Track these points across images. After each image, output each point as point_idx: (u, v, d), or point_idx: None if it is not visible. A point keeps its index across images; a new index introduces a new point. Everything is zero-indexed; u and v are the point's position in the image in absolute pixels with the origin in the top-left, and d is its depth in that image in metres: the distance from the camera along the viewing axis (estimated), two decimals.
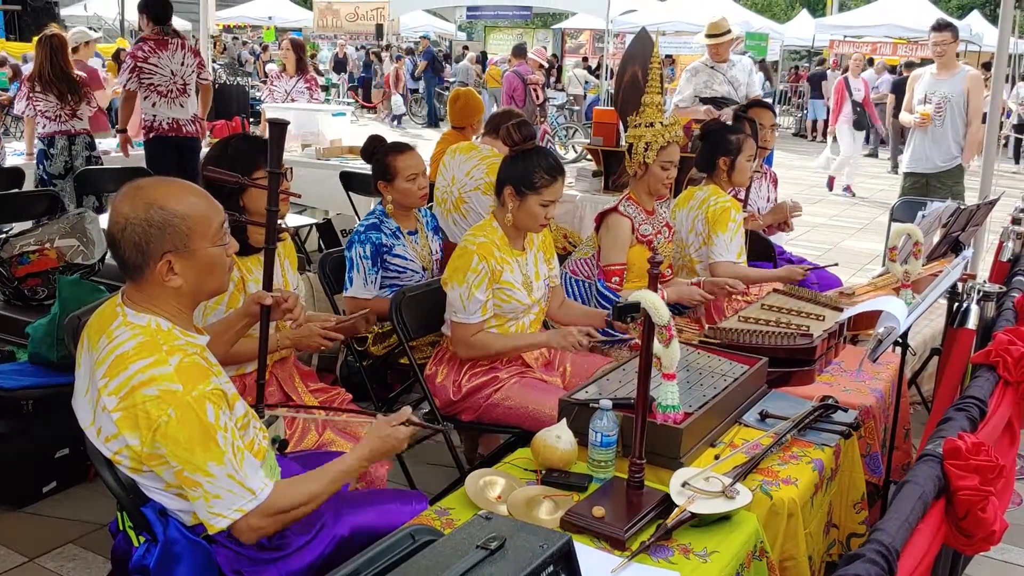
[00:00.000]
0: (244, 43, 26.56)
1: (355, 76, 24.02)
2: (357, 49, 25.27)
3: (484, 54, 24.84)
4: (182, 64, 6.42)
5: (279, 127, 2.47)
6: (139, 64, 6.32)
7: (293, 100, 8.06)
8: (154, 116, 6.44)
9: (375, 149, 3.71)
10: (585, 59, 23.34)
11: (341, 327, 2.90)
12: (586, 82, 20.44)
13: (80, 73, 6.64)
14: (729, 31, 6.83)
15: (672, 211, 4.14)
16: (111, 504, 2.08)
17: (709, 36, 6.79)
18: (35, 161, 6.37)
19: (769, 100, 12.11)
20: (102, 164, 6.42)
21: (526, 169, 3.07)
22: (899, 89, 10.08)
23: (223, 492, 1.83)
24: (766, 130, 4.78)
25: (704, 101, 6.70)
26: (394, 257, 3.63)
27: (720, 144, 4.00)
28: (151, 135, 6.49)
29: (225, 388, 1.92)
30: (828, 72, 20.67)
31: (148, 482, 1.90)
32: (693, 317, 3.92)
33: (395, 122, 20.45)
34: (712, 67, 6.81)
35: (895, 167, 13.48)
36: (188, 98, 6.52)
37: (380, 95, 22.45)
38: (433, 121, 21.00)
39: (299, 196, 3.41)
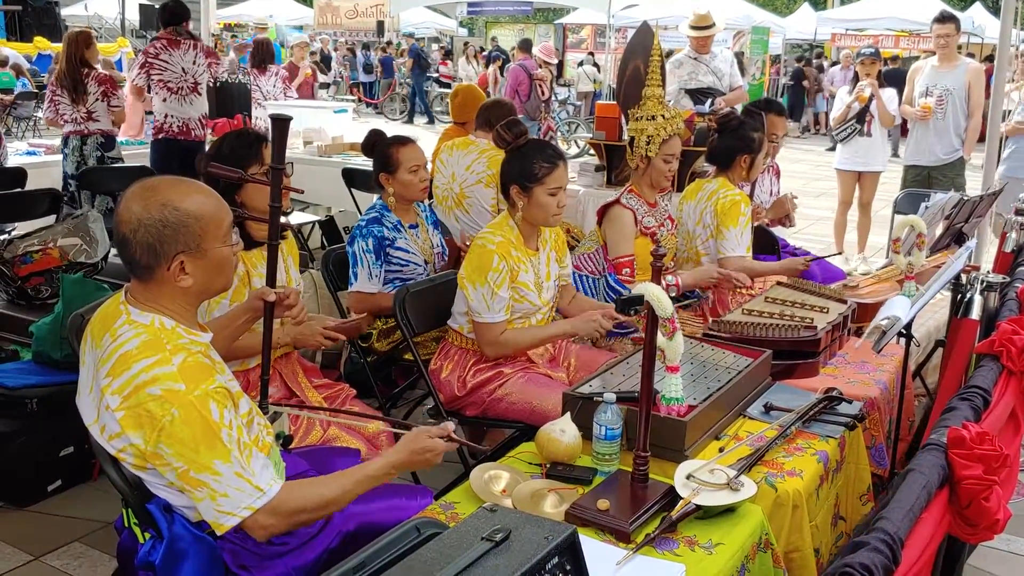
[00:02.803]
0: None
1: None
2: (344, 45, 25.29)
3: (482, 49, 24.85)
4: (193, 63, 6.48)
5: (282, 123, 2.47)
6: (149, 60, 6.40)
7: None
8: (165, 115, 6.47)
9: (376, 141, 3.72)
10: (591, 54, 23.30)
11: (342, 327, 2.90)
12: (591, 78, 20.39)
13: (105, 72, 6.62)
14: (714, 24, 6.81)
15: (679, 203, 4.13)
16: (116, 502, 2.08)
17: (695, 28, 6.77)
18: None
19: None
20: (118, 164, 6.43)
21: (525, 163, 3.08)
22: (891, 78, 9.90)
23: (231, 490, 1.82)
24: (778, 139, 4.74)
25: (689, 92, 6.68)
26: (396, 250, 3.64)
27: (743, 141, 3.94)
28: (159, 136, 6.51)
29: (229, 386, 1.92)
30: (825, 65, 20.65)
31: (153, 478, 1.90)
32: (697, 311, 3.91)
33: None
34: (695, 58, 6.78)
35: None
36: (199, 97, 6.57)
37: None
38: (430, 118, 20.94)
39: (302, 192, 3.41)
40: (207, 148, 5.81)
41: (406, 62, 21.99)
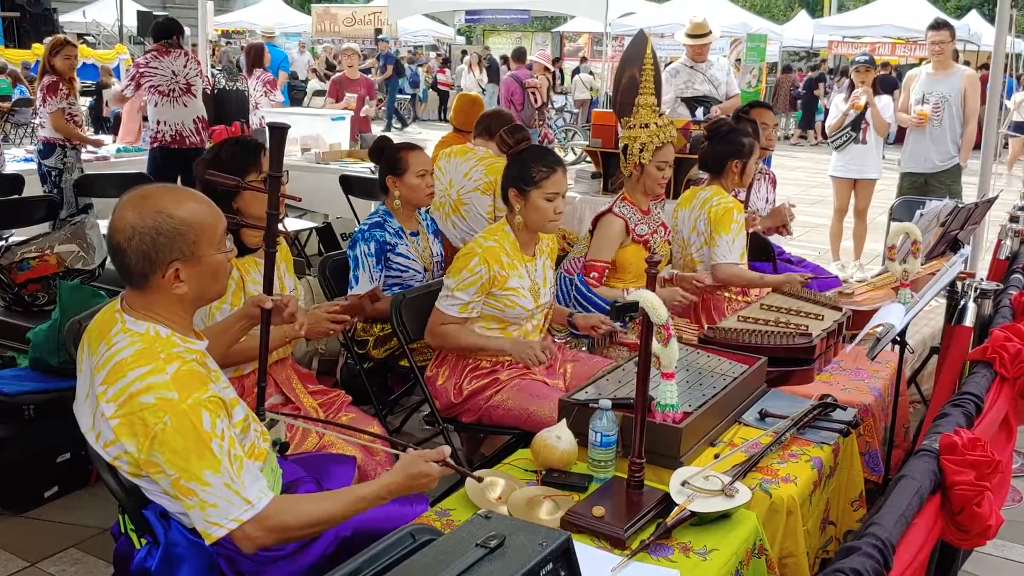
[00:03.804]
0: (243, 48, 26.52)
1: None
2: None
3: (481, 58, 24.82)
4: (184, 66, 6.51)
5: (280, 131, 2.48)
6: (140, 70, 6.49)
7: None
8: (158, 123, 6.49)
9: (384, 146, 3.75)
10: (584, 60, 23.28)
11: (347, 307, 2.91)
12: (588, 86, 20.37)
13: (53, 78, 6.34)
14: (710, 32, 6.82)
15: (674, 211, 4.14)
16: (113, 508, 2.09)
17: (691, 36, 6.77)
18: None
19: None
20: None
21: (523, 167, 3.11)
22: (884, 84, 9.88)
23: (220, 501, 1.83)
24: (769, 130, 4.78)
25: (685, 101, 6.69)
26: (397, 256, 3.65)
27: (733, 147, 3.95)
28: (154, 144, 6.55)
29: (223, 394, 1.93)
30: (825, 74, 20.69)
31: (148, 485, 1.91)
32: (692, 317, 3.92)
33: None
34: (692, 67, 6.79)
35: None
36: (193, 99, 6.57)
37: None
38: (401, 122, 20.83)
39: (299, 199, 3.42)
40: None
41: (386, 69, 21.40)
